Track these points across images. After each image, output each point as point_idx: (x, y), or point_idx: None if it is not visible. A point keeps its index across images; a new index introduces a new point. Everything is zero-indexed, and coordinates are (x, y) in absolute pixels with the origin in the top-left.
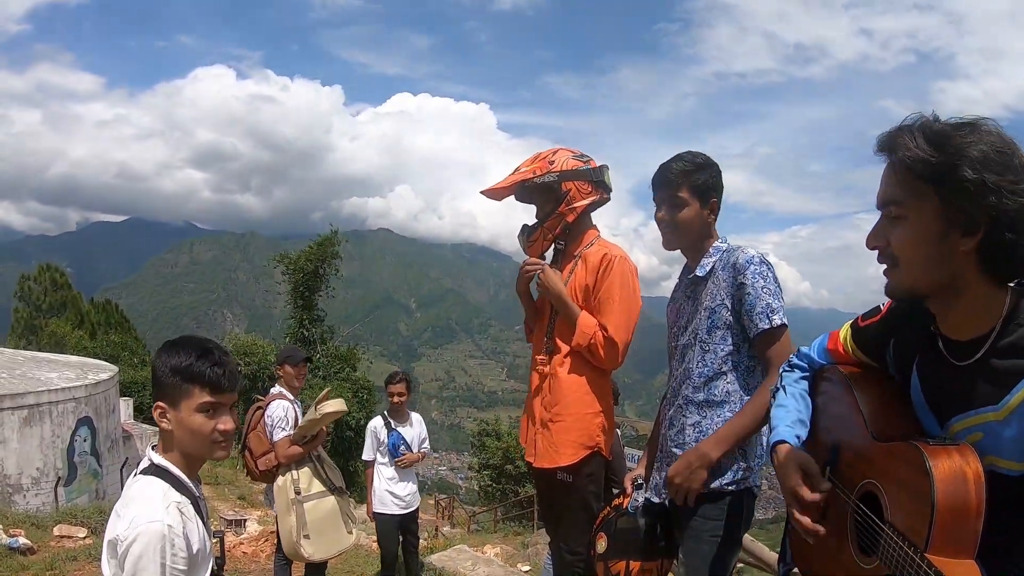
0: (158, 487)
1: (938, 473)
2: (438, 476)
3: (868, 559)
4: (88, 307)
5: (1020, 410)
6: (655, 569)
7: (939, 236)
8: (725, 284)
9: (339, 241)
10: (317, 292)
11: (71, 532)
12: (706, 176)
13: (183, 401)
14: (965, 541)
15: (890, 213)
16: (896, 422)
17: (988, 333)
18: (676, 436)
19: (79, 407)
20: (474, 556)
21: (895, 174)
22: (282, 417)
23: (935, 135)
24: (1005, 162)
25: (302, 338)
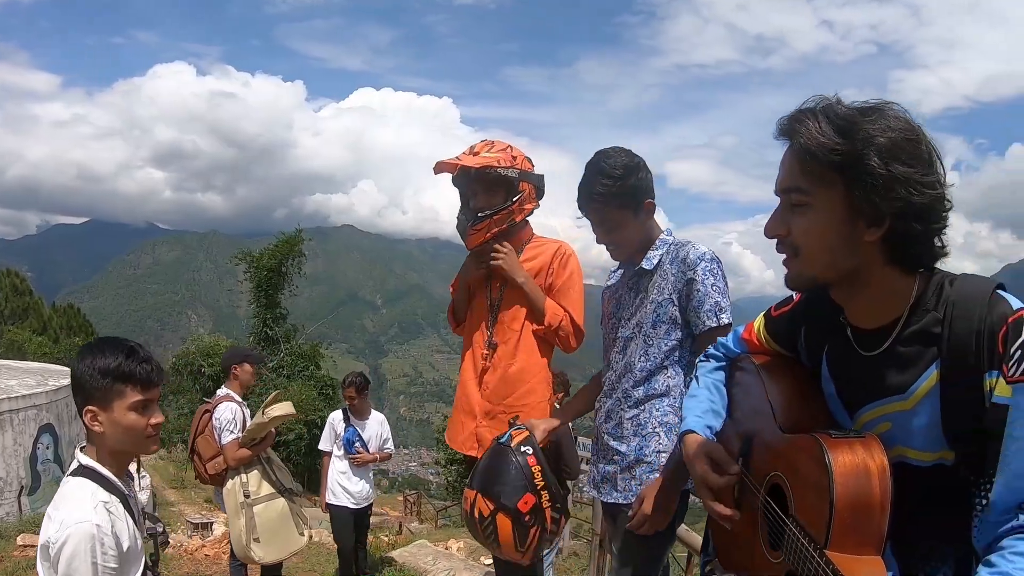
0: (87, 488)
1: (838, 467)
2: (408, 472)
3: (776, 554)
4: (50, 312)
5: (928, 398)
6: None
7: (844, 226)
8: (673, 279)
9: (303, 239)
10: (280, 290)
11: (35, 541)
12: (632, 183)
13: (116, 402)
14: (869, 536)
15: (791, 200)
16: (805, 413)
17: (895, 321)
18: (614, 429)
19: (40, 414)
20: (435, 551)
21: (798, 160)
22: (230, 420)
23: (841, 121)
24: (913, 152)
25: (266, 337)
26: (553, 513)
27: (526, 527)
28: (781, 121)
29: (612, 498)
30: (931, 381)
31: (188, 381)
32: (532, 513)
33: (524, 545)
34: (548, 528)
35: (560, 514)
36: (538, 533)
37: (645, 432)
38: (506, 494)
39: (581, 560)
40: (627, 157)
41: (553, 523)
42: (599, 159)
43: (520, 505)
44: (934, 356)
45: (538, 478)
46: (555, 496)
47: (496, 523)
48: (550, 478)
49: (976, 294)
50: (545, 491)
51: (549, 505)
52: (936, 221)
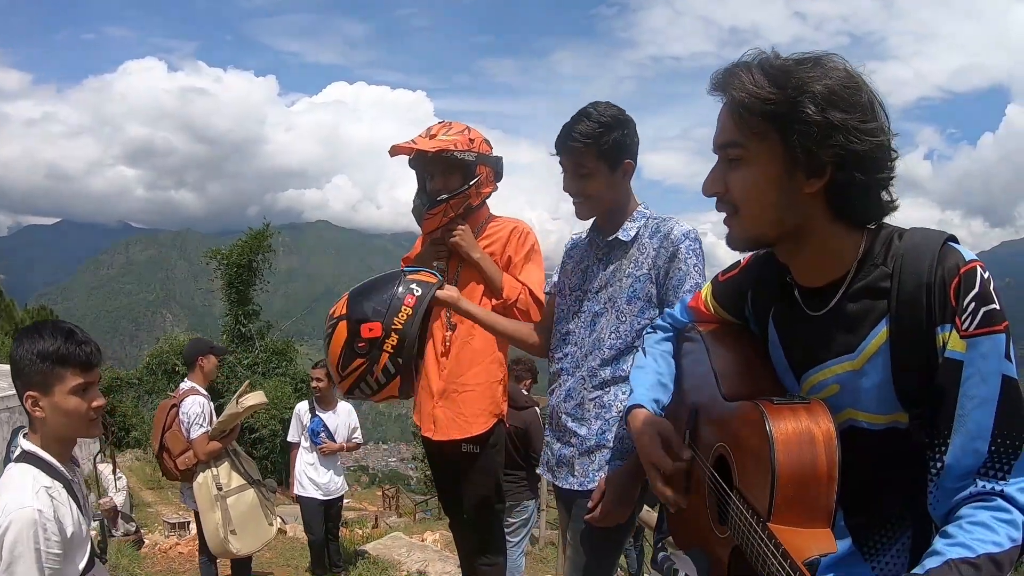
0: (28, 473)
1: (779, 435)
2: (388, 468)
3: (723, 528)
4: (23, 315)
5: (878, 356)
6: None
7: (782, 178)
8: (654, 254)
9: (272, 234)
10: (252, 287)
11: None
12: (616, 136)
13: (56, 386)
14: (816, 508)
15: (727, 156)
16: (750, 381)
17: (843, 277)
18: (574, 410)
19: (14, 417)
20: (410, 543)
21: (731, 114)
22: (199, 413)
23: (775, 71)
24: (851, 98)
25: (239, 334)
26: (389, 363)
27: (355, 353)
28: (715, 75)
29: (568, 483)
30: (880, 338)
31: (163, 380)
32: (369, 344)
33: (344, 369)
34: (375, 374)
35: (398, 374)
36: (362, 370)
37: (608, 416)
38: (363, 308)
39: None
40: (617, 111)
41: (384, 374)
42: (588, 106)
43: (364, 328)
44: (883, 312)
45: (400, 319)
46: (402, 350)
47: (336, 328)
48: (410, 333)
49: (926, 246)
50: (396, 335)
51: (391, 352)
52: (880, 171)
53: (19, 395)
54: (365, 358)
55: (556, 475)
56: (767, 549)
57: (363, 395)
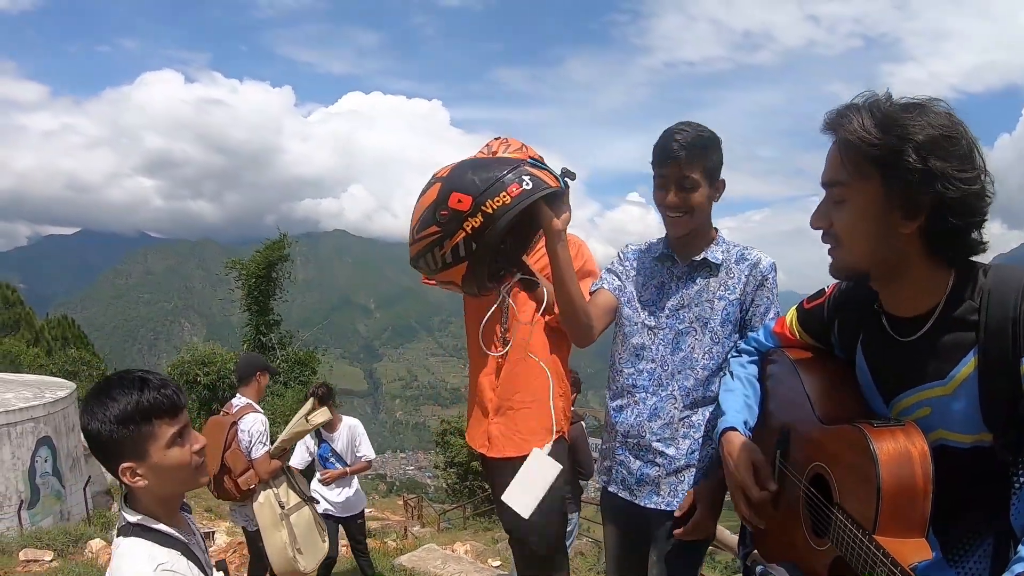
0: (141, 550)
1: (882, 455)
2: (406, 476)
3: (821, 541)
4: (43, 324)
5: (967, 384)
6: None
7: (880, 218)
8: (744, 281)
9: (289, 244)
10: (271, 297)
11: (37, 556)
12: (718, 155)
13: (150, 445)
14: (914, 520)
15: (833, 194)
16: (842, 404)
17: (932, 309)
18: (662, 430)
19: (38, 427)
20: (444, 555)
21: (839, 154)
22: (261, 432)
23: (883, 116)
24: (951, 148)
25: (260, 344)
26: (462, 243)
27: (434, 218)
28: (828, 115)
29: (652, 503)
30: (969, 367)
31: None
32: (452, 214)
33: (418, 233)
34: (444, 248)
35: (466, 260)
36: (433, 239)
37: (697, 435)
38: (463, 178)
39: (588, 559)
40: (712, 131)
41: (452, 253)
42: (682, 123)
43: (454, 197)
44: (972, 343)
45: (495, 202)
46: (482, 235)
47: (429, 187)
48: (499, 221)
49: (1011, 282)
50: (481, 217)
51: (469, 232)
52: (974, 215)
53: (111, 470)
54: (441, 227)
55: (636, 494)
56: (876, 558)
57: (427, 268)
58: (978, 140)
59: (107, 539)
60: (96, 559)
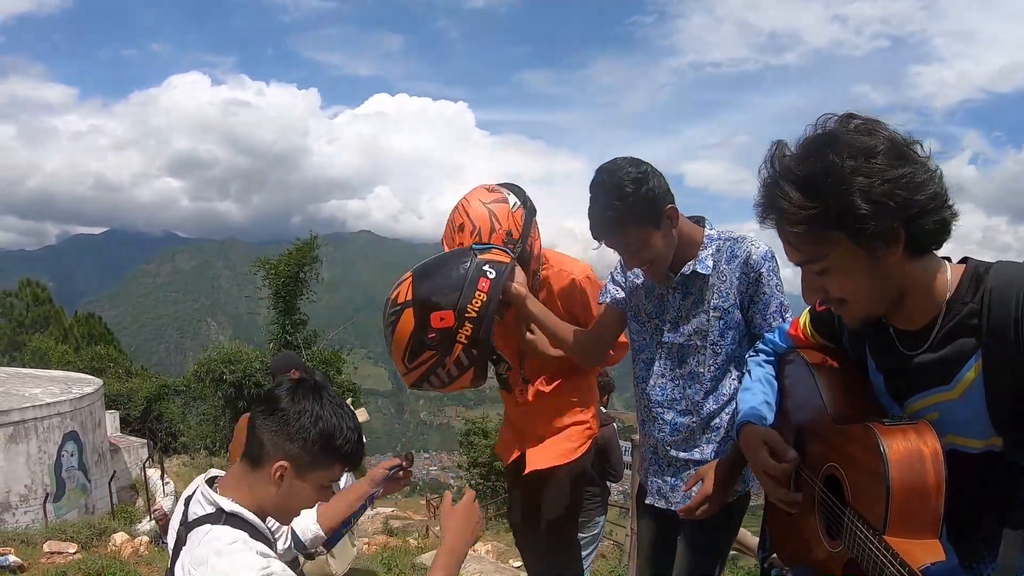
0: (240, 541)
1: (892, 454)
2: (430, 476)
3: (834, 543)
4: (71, 321)
5: (972, 388)
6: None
7: (869, 266)
8: (737, 282)
9: (318, 245)
10: (299, 297)
11: (61, 548)
12: (644, 195)
13: (316, 473)
14: (926, 520)
15: (813, 269)
16: (855, 404)
17: (935, 318)
18: (684, 443)
19: (65, 422)
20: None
21: (793, 235)
22: None
23: (803, 181)
24: (887, 165)
25: (286, 343)
26: (462, 355)
27: (424, 345)
28: (757, 205)
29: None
30: (974, 371)
31: (210, 388)
32: (441, 335)
33: (412, 362)
34: (447, 366)
35: (472, 365)
36: (432, 363)
37: (719, 438)
38: (431, 293)
39: (609, 561)
40: (633, 168)
41: (456, 366)
42: (603, 178)
43: (435, 317)
44: (975, 347)
45: (474, 306)
46: (477, 340)
47: (401, 316)
48: (486, 321)
49: (1012, 282)
50: (470, 325)
51: (465, 343)
52: (941, 202)
53: (265, 453)
54: (435, 350)
55: (671, 502)
56: (885, 559)
57: (432, 388)
58: (893, 129)
59: (131, 533)
60: (120, 552)
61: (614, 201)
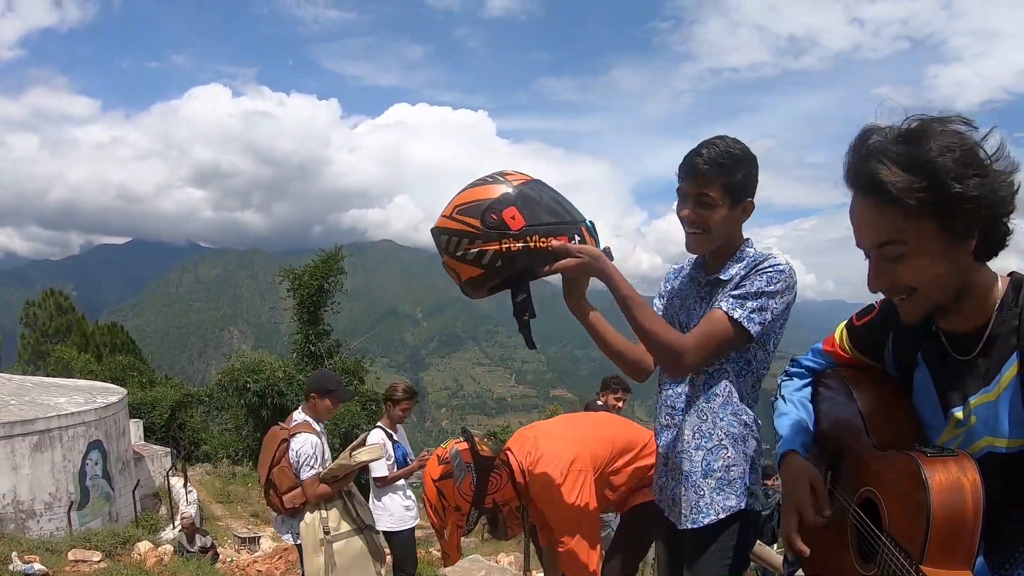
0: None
1: (934, 485)
2: None
3: (868, 566)
4: (93, 329)
5: (1011, 387)
6: None
7: (947, 253)
8: (738, 283)
9: (343, 256)
10: (323, 307)
11: (85, 556)
12: (743, 172)
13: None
14: (962, 551)
15: (886, 253)
16: (895, 427)
17: (986, 322)
18: (685, 445)
19: (89, 431)
20: (488, 566)
21: (882, 213)
22: (310, 455)
23: (905, 159)
24: (977, 159)
25: (309, 353)
26: (490, 255)
27: (478, 215)
28: (850, 171)
29: (680, 523)
30: (1013, 371)
31: (233, 397)
32: (498, 224)
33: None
34: (471, 245)
35: (485, 267)
36: (465, 229)
37: (710, 445)
38: (528, 200)
39: None
40: (744, 146)
41: (476, 256)
42: (714, 137)
43: (509, 211)
44: (1014, 347)
45: (542, 242)
46: (511, 262)
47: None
48: (533, 259)
49: None
50: (519, 245)
51: (500, 251)
52: (1010, 212)
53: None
54: (482, 228)
55: (672, 512)
56: None
57: (442, 245)
58: (977, 135)
59: (154, 541)
60: (144, 561)
61: (719, 152)
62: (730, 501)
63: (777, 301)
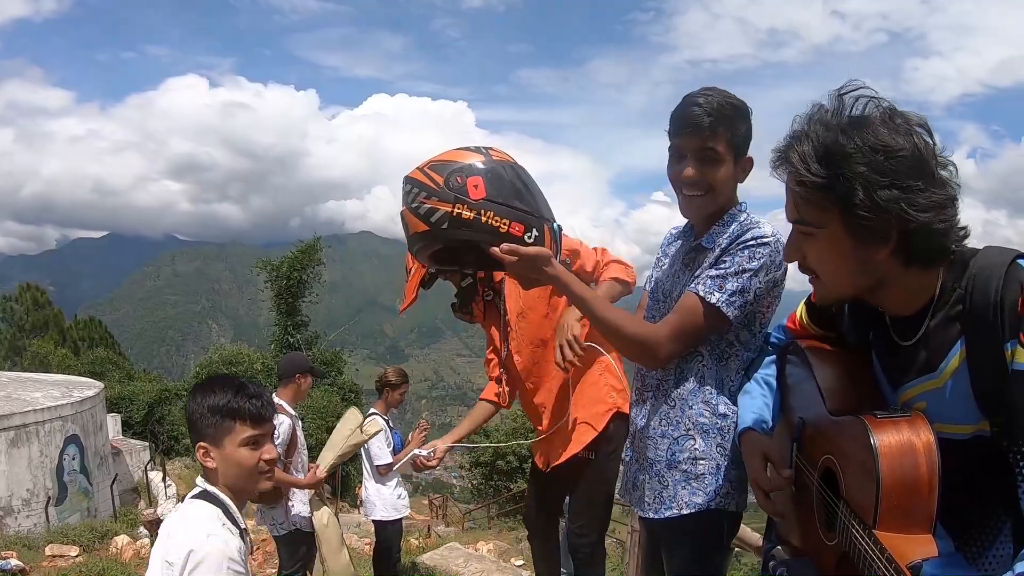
0: (211, 509)
1: (883, 448)
2: (432, 476)
3: (831, 535)
4: (70, 325)
5: (958, 373)
6: None
7: (853, 250)
8: (719, 255)
9: (321, 247)
10: (301, 298)
11: (63, 551)
12: (747, 126)
13: (226, 438)
14: (918, 515)
15: (800, 229)
16: (852, 395)
17: (928, 305)
18: (648, 431)
19: (66, 425)
20: (466, 553)
21: (793, 193)
22: (276, 435)
23: (823, 147)
24: (901, 169)
25: (287, 344)
26: (438, 215)
27: (444, 173)
28: (774, 153)
29: (642, 511)
30: (959, 357)
31: None
32: (457, 188)
33: (426, 168)
34: (427, 201)
35: (431, 226)
36: (426, 184)
37: (676, 434)
38: (498, 176)
39: (611, 560)
40: (742, 101)
41: (427, 212)
42: (707, 88)
43: (474, 179)
44: (959, 332)
45: (494, 220)
46: (456, 228)
47: (472, 149)
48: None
49: (995, 265)
50: (471, 214)
51: (450, 213)
52: (944, 221)
53: (192, 444)
54: (442, 187)
55: (632, 498)
56: (873, 554)
57: (406, 195)
58: (933, 138)
59: (133, 536)
60: (121, 555)
61: (720, 103)
62: (697, 498)
63: (760, 279)
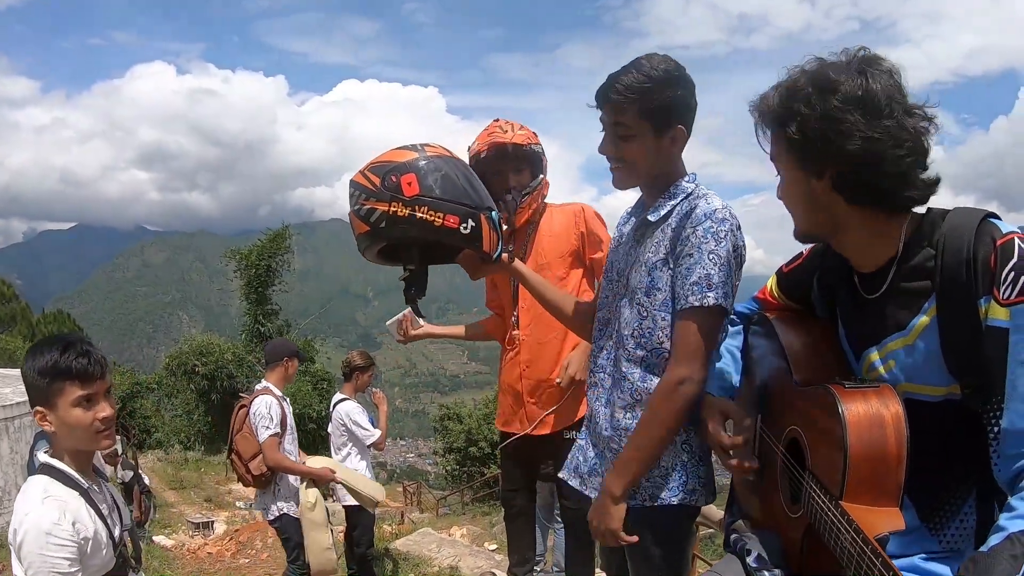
0: (40, 483)
1: (851, 418)
2: (406, 464)
3: (795, 508)
4: (38, 319)
5: (927, 332)
6: None
7: (800, 180)
8: (672, 235)
9: (290, 235)
10: (270, 286)
11: None
12: (667, 95)
13: (58, 399)
14: (886, 487)
15: (775, 167)
16: (819, 364)
17: (892, 259)
18: (598, 417)
19: (35, 421)
20: (439, 539)
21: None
22: (265, 415)
23: (786, 90)
24: (834, 108)
25: (258, 334)
26: (376, 215)
27: (380, 174)
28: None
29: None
30: (929, 315)
31: (183, 381)
32: (392, 187)
33: (367, 168)
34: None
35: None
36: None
37: (629, 420)
38: (429, 173)
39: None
40: (672, 65)
41: (367, 213)
42: (640, 57)
43: (407, 177)
44: (930, 290)
45: (428, 215)
46: (393, 227)
47: (409, 148)
48: (414, 230)
49: (966, 223)
50: (405, 211)
51: (386, 212)
52: (890, 163)
53: (31, 409)
54: (379, 188)
55: (587, 484)
56: (840, 526)
57: (352, 196)
58: (884, 74)
59: None
60: None
61: (635, 77)
62: (659, 491)
63: (732, 255)
